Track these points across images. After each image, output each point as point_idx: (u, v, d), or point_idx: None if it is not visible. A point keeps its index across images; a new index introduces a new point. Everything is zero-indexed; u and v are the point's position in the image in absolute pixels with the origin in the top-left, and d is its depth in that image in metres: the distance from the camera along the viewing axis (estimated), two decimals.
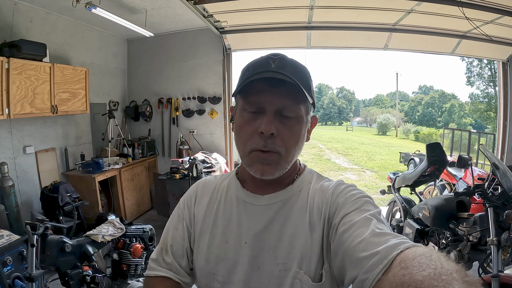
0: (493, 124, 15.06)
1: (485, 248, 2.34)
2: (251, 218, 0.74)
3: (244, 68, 0.73)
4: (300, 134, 0.72)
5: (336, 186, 0.73)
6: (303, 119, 0.71)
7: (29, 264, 1.82)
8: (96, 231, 2.37)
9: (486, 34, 3.76)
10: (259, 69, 0.67)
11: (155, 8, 4.10)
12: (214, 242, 0.76)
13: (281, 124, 0.68)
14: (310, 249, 0.67)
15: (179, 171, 4.18)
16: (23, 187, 3.65)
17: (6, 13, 3.39)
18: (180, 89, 5.43)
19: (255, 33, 4.67)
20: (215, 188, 0.84)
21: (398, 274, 0.44)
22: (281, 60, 0.69)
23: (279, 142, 0.68)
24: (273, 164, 0.69)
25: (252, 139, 0.69)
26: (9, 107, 3.12)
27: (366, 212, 0.62)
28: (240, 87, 0.68)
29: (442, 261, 0.42)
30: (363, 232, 0.56)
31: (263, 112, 0.68)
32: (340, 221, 0.64)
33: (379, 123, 36.20)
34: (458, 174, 4.32)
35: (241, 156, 0.74)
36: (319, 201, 0.72)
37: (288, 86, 0.65)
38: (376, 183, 8.66)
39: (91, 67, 4.51)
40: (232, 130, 0.78)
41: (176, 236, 0.81)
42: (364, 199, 0.67)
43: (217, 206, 0.80)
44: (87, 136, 4.77)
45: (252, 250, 0.71)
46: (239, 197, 0.78)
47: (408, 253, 0.47)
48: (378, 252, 0.50)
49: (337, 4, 3.71)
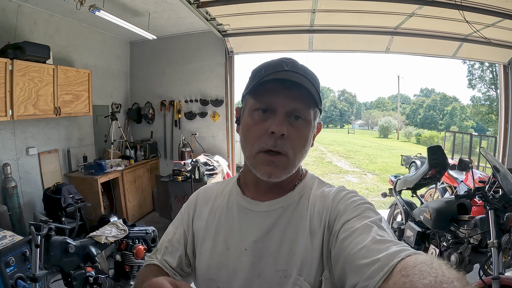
0: (495, 127, 15.04)
1: (485, 251, 2.34)
2: (252, 224, 0.74)
3: (255, 69, 0.73)
4: (307, 138, 0.72)
5: (336, 193, 0.73)
6: (311, 124, 0.72)
7: (33, 264, 1.83)
8: (100, 232, 2.38)
9: (486, 37, 3.78)
10: (273, 70, 0.68)
11: (158, 11, 4.13)
12: (216, 249, 0.76)
13: (291, 126, 0.69)
14: (310, 255, 0.67)
15: (181, 174, 4.19)
16: (25, 188, 3.66)
17: (10, 15, 3.42)
18: (182, 91, 5.46)
19: (257, 36, 4.70)
20: (217, 195, 0.85)
21: (399, 282, 0.43)
22: (293, 64, 0.70)
23: (288, 144, 0.68)
24: (281, 167, 0.70)
25: (261, 139, 0.69)
26: (12, 109, 3.14)
27: (367, 219, 0.62)
28: (254, 86, 0.69)
29: (443, 269, 0.42)
30: (364, 239, 0.56)
31: (274, 113, 0.68)
32: (341, 227, 0.63)
33: (381, 126, 36.11)
34: (459, 177, 4.32)
35: (247, 157, 0.73)
36: (319, 208, 0.72)
37: (300, 89, 0.66)
38: (377, 186, 8.64)
39: (94, 69, 4.54)
40: (237, 131, 0.78)
41: (172, 240, 0.83)
42: (365, 205, 0.67)
43: (219, 214, 0.80)
44: (89, 138, 4.80)
45: (252, 256, 0.71)
46: (240, 204, 0.78)
47: (409, 261, 0.46)
48: (379, 259, 0.50)
49: (338, 8, 3.74)
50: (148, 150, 5.38)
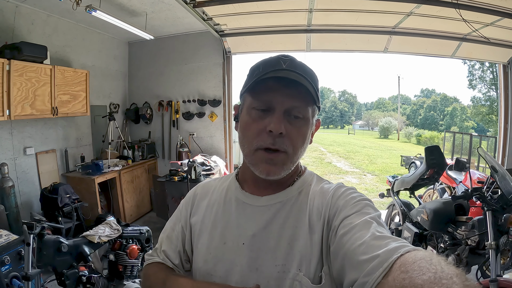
0: (495, 127, 15.00)
1: (483, 252, 2.32)
2: (250, 219, 0.74)
3: (253, 67, 0.73)
4: (306, 135, 0.72)
5: (336, 189, 0.73)
6: (309, 121, 0.72)
7: (26, 263, 1.83)
8: (93, 231, 2.38)
9: (485, 36, 3.75)
10: (271, 68, 0.67)
11: (155, 11, 4.13)
12: (213, 243, 0.76)
13: (290, 124, 0.68)
14: (309, 251, 0.67)
15: (178, 174, 4.19)
16: (23, 188, 3.66)
17: (8, 15, 3.42)
18: (180, 91, 5.45)
19: (254, 36, 4.69)
20: (215, 190, 0.85)
21: (398, 278, 0.44)
22: (292, 61, 0.69)
23: (287, 142, 0.68)
24: (279, 164, 0.69)
25: (259, 137, 0.69)
26: (9, 109, 3.15)
27: (366, 215, 0.62)
28: (251, 84, 0.68)
29: (442, 265, 0.42)
30: (363, 235, 0.56)
31: (272, 111, 0.68)
32: (340, 223, 0.63)
33: (381, 127, 36.12)
34: (458, 177, 4.30)
35: (246, 155, 0.73)
36: (319, 203, 0.72)
37: (298, 87, 0.66)
38: (376, 187, 8.63)
39: (92, 69, 4.54)
40: (235, 129, 0.78)
41: (171, 237, 0.83)
42: (364, 202, 0.67)
43: (217, 208, 0.80)
44: (87, 138, 4.80)
45: (250, 251, 0.71)
46: (238, 198, 0.78)
47: (408, 257, 0.47)
48: (378, 255, 0.50)
49: (336, 7, 3.72)
50: (146, 150, 5.37)
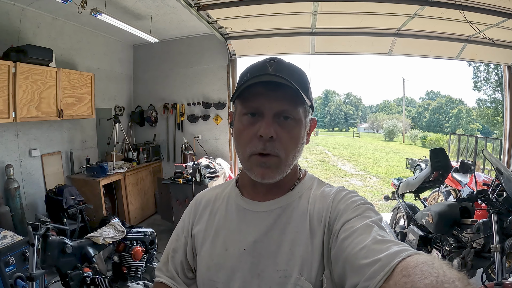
0: (501, 129, 14.82)
1: (489, 255, 2.28)
2: (251, 225, 0.74)
3: (242, 73, 0.73)
4: (299, 137, 0.72)
5: (337, 193, 0.73)
6: (302, 122, 0.72)
7: (30, 263, 1.84)
8: (97, 233, 2.39)
9: (489, 38, 3.73)
10: (257, 73, 0.68)
11: (160, 14, 4.16)
12: (215, 250, 0.76)
13: (280, 127, 0.68)
14: (311, 255, 0.67)
15: (182, 176, 4.20)
16: (28, 189, 3.69)
17: (14, 18, 3.47)
18: (185, 94, 5.49)
19: (259, 39, 4.71)
20: (216, 198, 0.85)
21: (400, 282, 0.43)
22: (278, 63, 0.69)
23: (278, 145, 0.68)
24: (273, 167, 0.69)
25: (251, 143, 0.69)
26: (15, 111, 3.19)
27: (367, 219, 0.62)
28: (238, 91, 0.68)
29: (444, 269, 0.41)
30: (365, 239, 0.56)
31: (261, 116, 0.68)
32: (341, 227, 0.63)
33: (386, 129, 35.90)
34: (463, 180, 4.26)
35: (241, 160, 0.74)
36: (319, 207, 0.71)
37: (285, 89, 0.66)
38: (381, 189, 8.58)
39: (97, 72, 4.58)
40: (231, 135, 0.79)
41: (177, 247, 0.85)
42: (365, 205, 0.67)
43: (219, 216, 0.80)
44: (92, 140, 4.83)
45: (252, 257, 0.70)
46: (239, 205, 0.78)
47: (410, 261, 0.46)
48: (380, 259, 0.49)
49: (340, 10, 3.72)
50: (150, 153, 5.39)
